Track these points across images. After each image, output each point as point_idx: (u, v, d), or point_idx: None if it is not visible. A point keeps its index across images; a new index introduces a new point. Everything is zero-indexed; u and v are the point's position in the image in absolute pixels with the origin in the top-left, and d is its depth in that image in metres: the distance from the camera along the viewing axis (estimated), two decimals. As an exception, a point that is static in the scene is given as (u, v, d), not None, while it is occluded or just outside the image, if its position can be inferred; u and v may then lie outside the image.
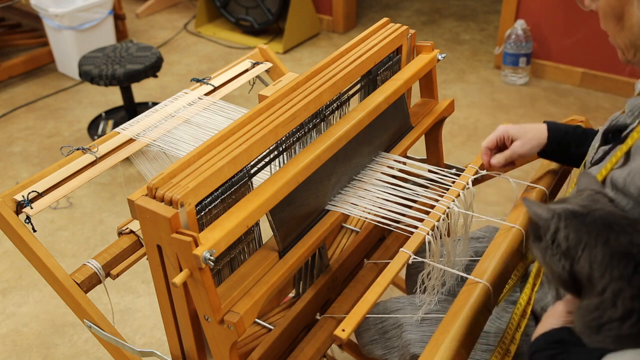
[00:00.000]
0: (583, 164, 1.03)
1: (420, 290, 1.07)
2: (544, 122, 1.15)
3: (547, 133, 1.12)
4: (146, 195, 0.88)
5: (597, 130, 1.08)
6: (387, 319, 1.17)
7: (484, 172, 1.15)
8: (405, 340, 1.09)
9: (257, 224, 1.04)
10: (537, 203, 0.79)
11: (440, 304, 1.12)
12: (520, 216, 1.10)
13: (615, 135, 0.94)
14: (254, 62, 1.49)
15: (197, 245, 0.83)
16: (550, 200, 1.19)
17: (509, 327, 0.95)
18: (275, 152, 1.05)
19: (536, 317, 1.05)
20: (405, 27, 1.29)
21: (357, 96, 1.25)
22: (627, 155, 0.85)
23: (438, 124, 1.38)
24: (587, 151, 1.03)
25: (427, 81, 1.35)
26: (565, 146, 1.12)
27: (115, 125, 2.35)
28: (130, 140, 1.24)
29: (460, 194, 1.10)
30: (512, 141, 1.13)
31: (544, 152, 1.15)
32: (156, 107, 1.32)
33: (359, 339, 1.24)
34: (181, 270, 0.86)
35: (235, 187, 0.97)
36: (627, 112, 0.92)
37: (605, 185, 0.88)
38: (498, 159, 1.14)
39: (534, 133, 1.13)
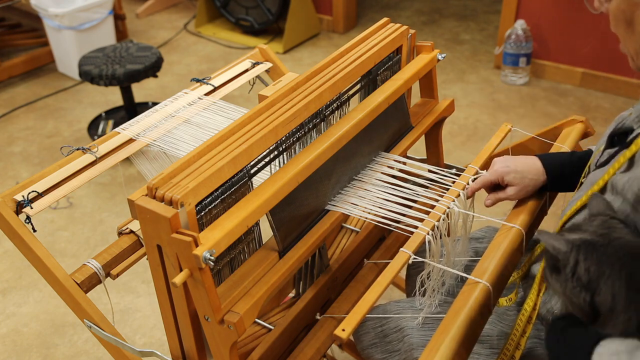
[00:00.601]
0: (588, 166, 1.03)
1: (419, 293, 1.07)
2: (536, 155, 1.11)
3: (544, 175, 1.10)
4: (146, 195, 0.88)
5: (592, 151, 1.07)
6: (388, 322, 1.16)
7: (484, 172, 1.15)
8: (408, 345, 1.09)
9: (257, 224, 1.04)
10: (553, 235, 0.77)
11: (441, 307, 1.11)
12: (520, 216, 1.10)
13: (620, 138, 0.94)
14: (254, 62, 1.49)
15: (197, 245, 0.83)
16: (549, 201, 1.19)
17: (513, 333, 0.95)
18: (275, 152, 1.05)
19: (542, 320, 1.05)
20: (405, 27, 1.29)
21: (357, 96, 1.25)
22: (631, 161, 0.85)
23: (438, 124, 1.38)
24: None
25: (427, 81, 1.35)
26: (565, 178, 1.10)
27: (115, 125, 2.35)
28: (130, 140, 1.24)
29: (460, 194, 1.10)
30: (507, 184, 1.10)
31: (544, 188, 1.12)
32: (156, 107, 1.32)
33: (358, 343, 1.23)
34: (181, 270, 0.86)
35: (235, 187, 0.96)
36: (634, 117, 0.92)
37: (606, 190, 0.88)
38: (492, 200, 1.12)
39: (530, 178, 1.09)
